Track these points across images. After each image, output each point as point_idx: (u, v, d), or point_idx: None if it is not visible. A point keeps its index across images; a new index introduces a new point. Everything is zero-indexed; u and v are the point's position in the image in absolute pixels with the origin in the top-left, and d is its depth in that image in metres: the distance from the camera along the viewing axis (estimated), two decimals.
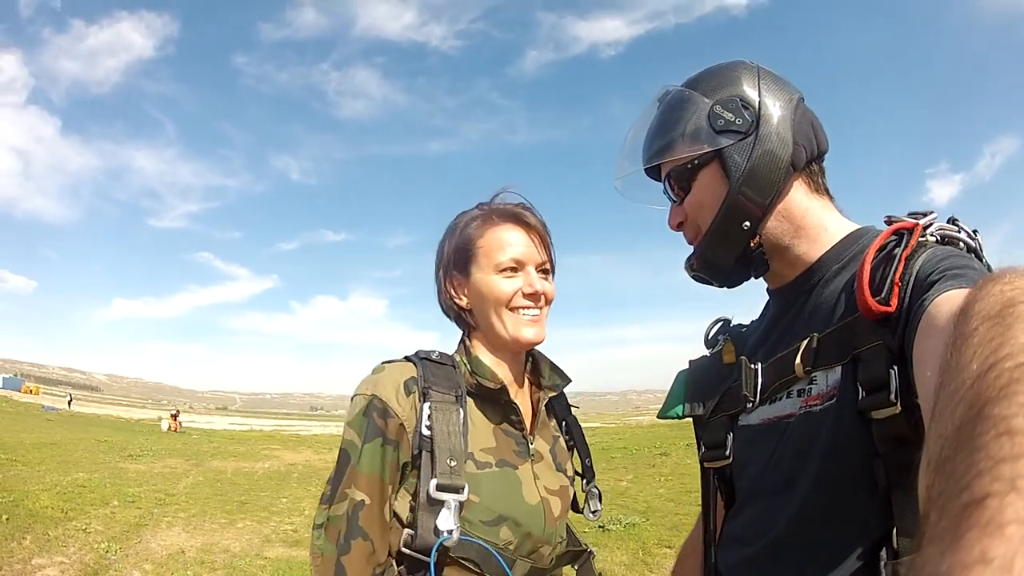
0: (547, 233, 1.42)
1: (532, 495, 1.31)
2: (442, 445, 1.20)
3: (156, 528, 8.40)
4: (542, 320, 1.38)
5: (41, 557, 6.40)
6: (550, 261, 1.41)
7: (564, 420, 1.53)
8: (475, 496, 1.22)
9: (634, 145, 1.18)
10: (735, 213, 1.05)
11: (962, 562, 0.29)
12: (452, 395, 1.27)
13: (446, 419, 1.23)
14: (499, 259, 1.33)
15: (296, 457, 20.39)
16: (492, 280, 1.34)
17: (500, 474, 1.28)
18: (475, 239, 1.37)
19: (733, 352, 1.22)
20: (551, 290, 1.39)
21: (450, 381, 1.30)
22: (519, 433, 1.36)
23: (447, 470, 1.18)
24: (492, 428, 1.33)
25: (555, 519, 1.34)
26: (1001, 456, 0.33)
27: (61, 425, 29.70)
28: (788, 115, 1.04)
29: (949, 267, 0.84)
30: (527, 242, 1.36)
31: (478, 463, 1.26)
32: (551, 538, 1.32)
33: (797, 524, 0.94)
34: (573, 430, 1.52)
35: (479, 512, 1.22)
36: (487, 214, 1.40)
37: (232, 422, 68.44)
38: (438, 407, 1.24)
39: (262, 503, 11.03)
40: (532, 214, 1.40)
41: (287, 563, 7.06)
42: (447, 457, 1.19)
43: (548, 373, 1.47)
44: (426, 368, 1.29)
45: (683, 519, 8.42)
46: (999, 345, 0.45)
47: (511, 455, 1.32)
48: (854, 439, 0.88)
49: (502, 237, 1.35)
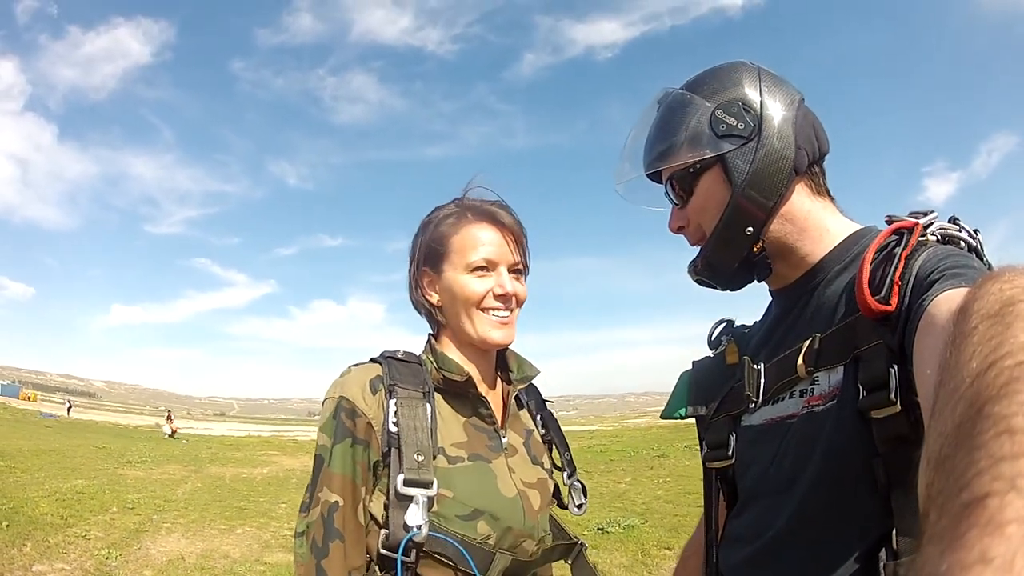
0: (522, 233, 1.40)
1: (508, 488, 1.30)
2: (409, 440, 1.20)
3: (156, 534, 8.41)
4: (512, 322, 1.37)
5: (42, 564, 6.41)
6: (523, 262, 1.40)
7: (539, 414, 1.52)
8: (448, 491, 1.22)
9: (634, 148, 1.18)
10: (738, 218, 1.05)
11: (962, 561, 0.29)
12: (419, 391, 1.27)
13: (412, 415, 1.23)
14: (471, 258, 1.32)
15: (294, 463, 20.31)
16: (463, 279, 1.33)
17: (473, 468, 1.28)
18: (448, 236, 1.36)
19: (736, 353, 1.21)
20: (523, 291, 1.38)
21: (416, 378, 1.30)
22: (490, 427, 1.36)
23: (415, 465, 1.18)
24: (462, 423, 1.33)
25: (535, 512, 1.33)
26: (1001, 455, 0.33)
27: (59, 432, 29.62)
28: (790, 118, 1.04)
29: (949, 266, 0.84)
30: (500, 242, 1.34)
31: (449, 458, 1.26)
32: (533, 531, 1.32)
33: (798, 523, 0.94)
34: (549, 424, 1.51)
35: (453, 507, 1.22)
36: (462, 211, 1.38)
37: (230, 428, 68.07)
38: (404, 403, 1.24)
39: (261, 509, 11.02)
40: (507, 213, 1.39)
41: (287, 568, 7.01)
42: (414, 452, 1.19)
43: (516, 366, 1.47)
44: (391, 366, 1.29)
45: (682, 520, 8.45)
46: (999, 344, 0.45)
47: (484, 449, 1.32)
48: (855, 439, 0.88)
49: (475, 236, 1.34)
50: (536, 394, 1.57)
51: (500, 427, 1.37)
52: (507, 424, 1.40)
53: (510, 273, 1.35)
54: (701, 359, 1.31)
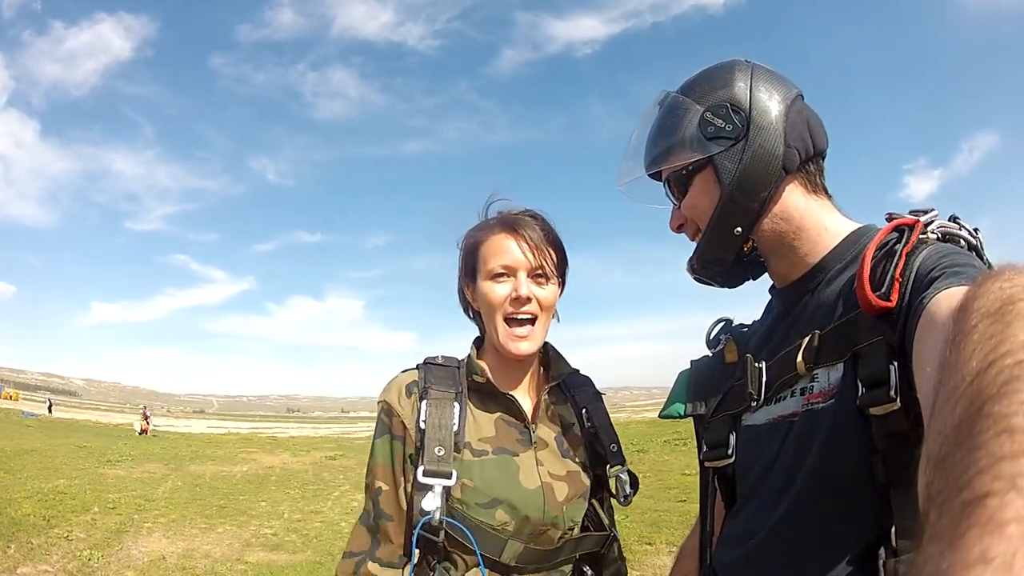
0: (545, 240, 1.45)
1: (531, 480, 1.40)
2: (432, 436, 1.35)
3: (137, 534, 8.44)
4: (535, 332, 1.44)
5: (26, 566, 6.48)
6: (548, 266, 1.44)
7: (585, 407, 1.54)
8: (469, 481, 1.35)
9: (635, 149, 1.21)
10: (727, 218, 1.07)
11: (962, 561, 0.29)
12: (451, 392, 1.42)
13: (440, 413, 1.38)
14: (491, 265, 1.42)
15: (273, 460, 20.29)
16: (486, 286, 1.43)
17: (496, 461, 1.39)
18: (477, 247, 1.47)
19: (735, 351, 1.22)
20: (545, 295, 1.44)
21: (451, 380, 1.44)
22: (520, 423, 1.46)
23: (434, 458, 1.32)
24: (493, 419, 1.45)
25: (559, 503, 1.40)
26: (1001, 454, 0.33)
27: (40, 431, 29.23)
28: (779, 117, 1.05)
29: (950, 264, 0.83)
30: (517, 248, 1.41)
31: (474, 451, 1.39)
32: (556, 521, 1.40)
33: (795, 520, 0.95)
34: (595, 417, 1.52)
35: (474, 495, 1.35)
36: (487, 222, 1.50)
37: (210, 425, 67.23)
38: (434, 403, 1.39)
39: (241, 507, 11.05)
40: (529, 221, 1.46)
41: (268, 568, 7.14)
42: (435, 446, 1.34)
43: (554, 363, 1.57)
44: (428, 371, 1.45)
45: (662, 516, 8.52)
46: (999, 342, 0.45)
47: (511, 443, 1.43)
48: (854, 436, 0.88)
49: (495, 244, 1.43)
50: (587, 387, 1.61)
51: (530, 422, 1.48)
52: (538, 419, 1.50)
53: (531, 278, 1.43)
54: (700, 358, 1.31)
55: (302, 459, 20.85)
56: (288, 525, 9.68)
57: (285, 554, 7.84)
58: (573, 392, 1.57)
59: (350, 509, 11.09)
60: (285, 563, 7.39)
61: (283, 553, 7.86)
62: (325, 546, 8.26)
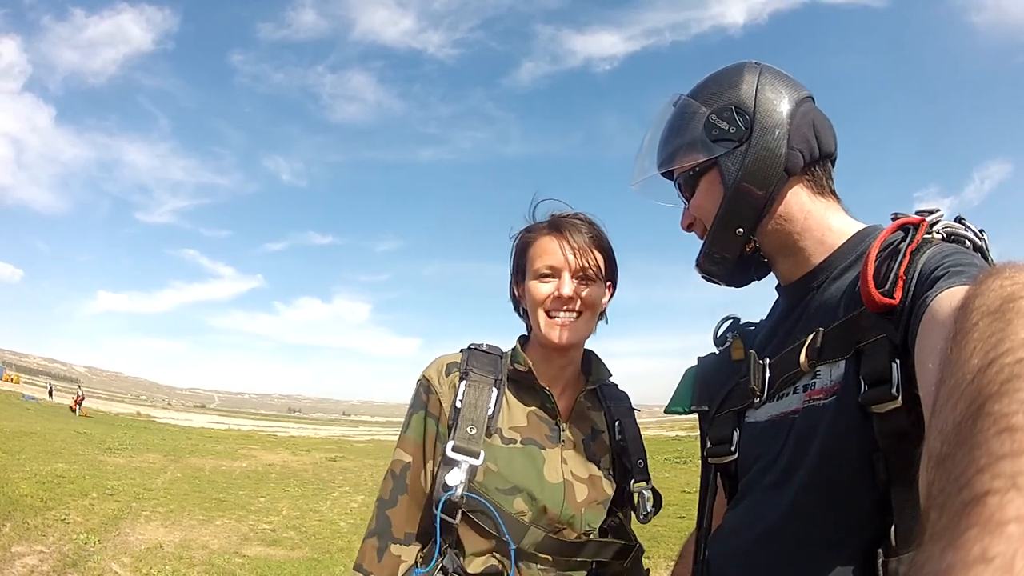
0: (592, 243, 1.48)
1: (554, 475, 1.42)
2: (466, 415, 1.38)
3: (135, 522, 8.42)
4: (576, 325, 1.45)
5: (20, 545, 6.44)
6: (592, 267, 1.46)
7: (619, 420, 1.57)
8: (493, 465, 1.37)
9: (648, 148, 1.23)
10: (729, 218, 1.09)
11: (962, 560, 0.29)
12: (491, 378, 1.45)
13: (477, 395, 1.41)
14: (536, 266, 1.47)
15: (273, 458, 20.37)
16: (532, 285, 1.47)
17: (523, 450, 1.42)
18: (526, 247, 1.52)
19: (742, 348, 1.22)
20: (588, 295, 1.46)
21: (493, 366, 1.48)
22: (552, 419, 1.49)
23: (465, 436, 1.36)
24: (527, 411, 1.48)
25: (578, 504, 1.42)
26: (1001, 453, 0.34)
27: (40, 415, 29.36)
28: (783, 120, 1.06)
29: (953, 264, 0.83)
30: (561, 249, 1.45)
31: (504, 438, 1.41)
32: (573, 521, 1.41)
33: (792, 516, 0.94)
34: (627, 431, 1.55)
35: (496, 480, 1.37)
36: (537, 224, 1.54)
37: (210, 420, 67.94)
38: (473, 385, 1.42)
39: (240, 502, 11.06)
40: (576, 223, 1.50)
41: (265, 562, 7.10)
42: (468, 425, 1.37)
43: (595, 369, 1.59)
44: (472, 355, 1.49)
45: (661, 531, 8.39)
46: (999, 340, 0.45)
47: (541, 437, 1.45)
48: (855, 433, 0.87)
49: (542, 245, 1.48)
50: (623, 401, 1.64)
51: (562, 420, 1.50)
52: (570, 419, 1.52)
53: (575, 279, 1.45)
54: (706, 355, 1.33)
55: (302, 459, 20.89)
56: (287, 522, 9.66)
57: (283, 550, 7.80)
58: (609, 402, 1.60)
59: (349, 510, 11.09)
60: (283, 558, 7.34)
61: (281, 548, 7.83)
62: (323, 544, 8.24)
